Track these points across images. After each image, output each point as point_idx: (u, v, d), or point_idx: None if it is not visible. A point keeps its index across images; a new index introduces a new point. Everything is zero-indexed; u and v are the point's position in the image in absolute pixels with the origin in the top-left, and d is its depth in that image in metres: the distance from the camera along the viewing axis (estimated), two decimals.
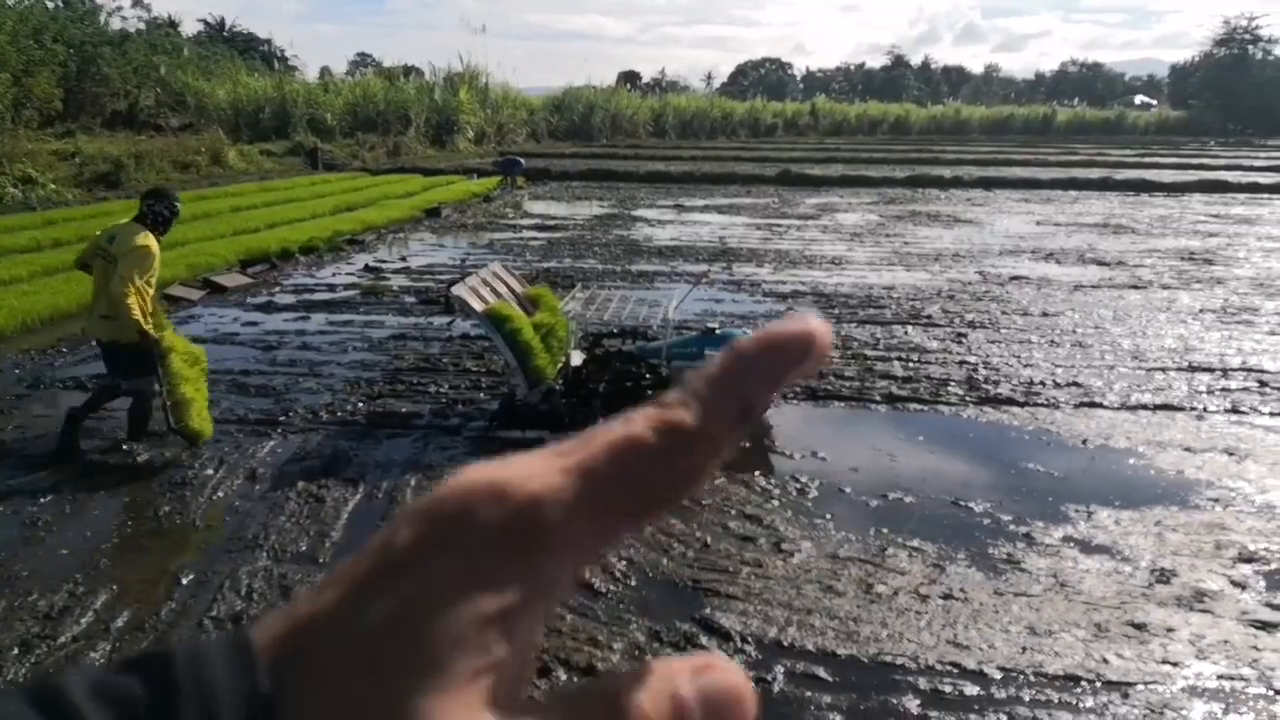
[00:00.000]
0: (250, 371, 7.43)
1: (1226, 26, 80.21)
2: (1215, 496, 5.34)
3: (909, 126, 71.77)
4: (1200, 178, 28.29)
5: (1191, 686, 3.56)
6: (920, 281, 11.73)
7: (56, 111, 26.02)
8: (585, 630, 3.84)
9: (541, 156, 32.47)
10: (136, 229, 5.60)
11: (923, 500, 5.24)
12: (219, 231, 14.04)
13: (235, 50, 45.82)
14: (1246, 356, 8.23)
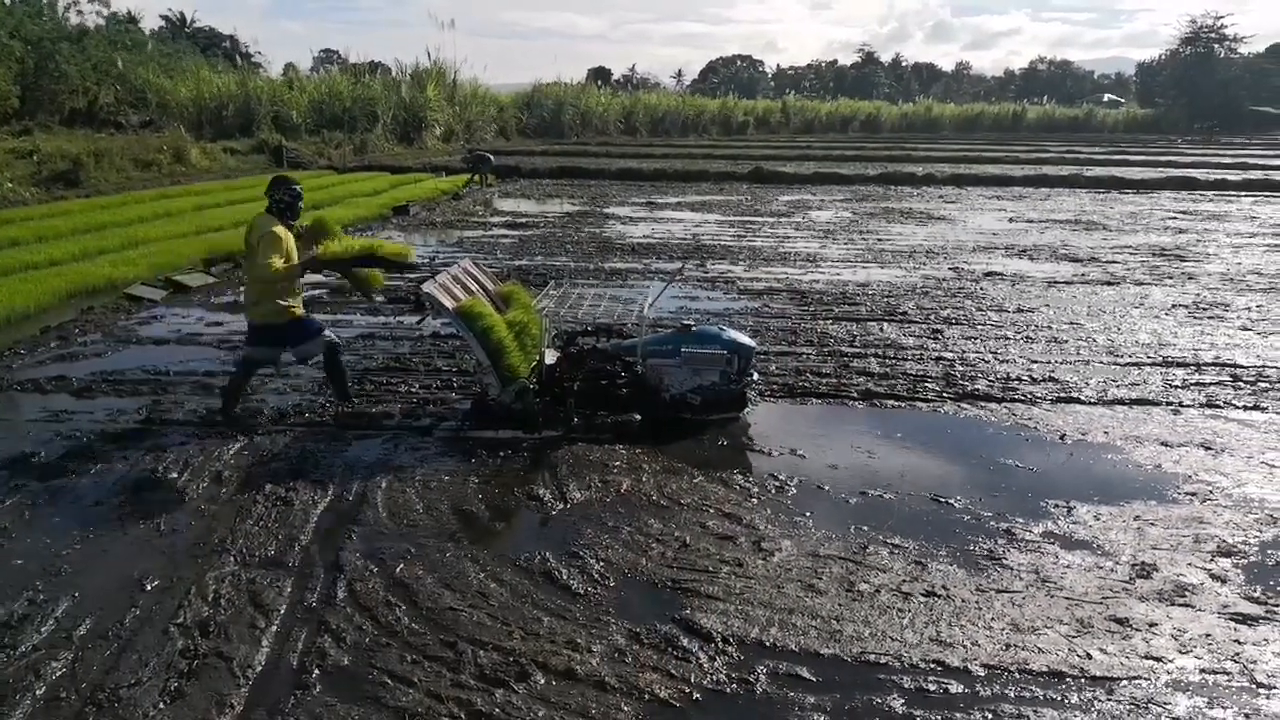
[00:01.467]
0: (215, 373, 7.27)
1: (1193, 25, 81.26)
2: (1193, 490, 5.33)
3: (880, 124, 72.08)
4: (1169, 175, 28.60)
5: (1175, 681, 3.53)
6: (895, 278, 11.72)
7: (13, 109, 25.50)
8: (564, 633, 3.74)
9: (511, 154, 32.27)
10: (267, 219, 5.94)
11: (902, 497, 5.20)
12: (182, 230, 13.81)
13: (197, 46, 45.18)
14: (1220, 351, 8.27)
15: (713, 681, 3.46)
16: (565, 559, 4.37)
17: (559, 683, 3.42)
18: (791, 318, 9.36)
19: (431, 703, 3.29)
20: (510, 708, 3.26)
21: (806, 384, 7.15)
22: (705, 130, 59.59)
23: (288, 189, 6.03)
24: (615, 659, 3.58)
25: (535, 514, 4.94)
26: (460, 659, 3.54)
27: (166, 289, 10.40)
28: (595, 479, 5.32)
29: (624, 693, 3.37)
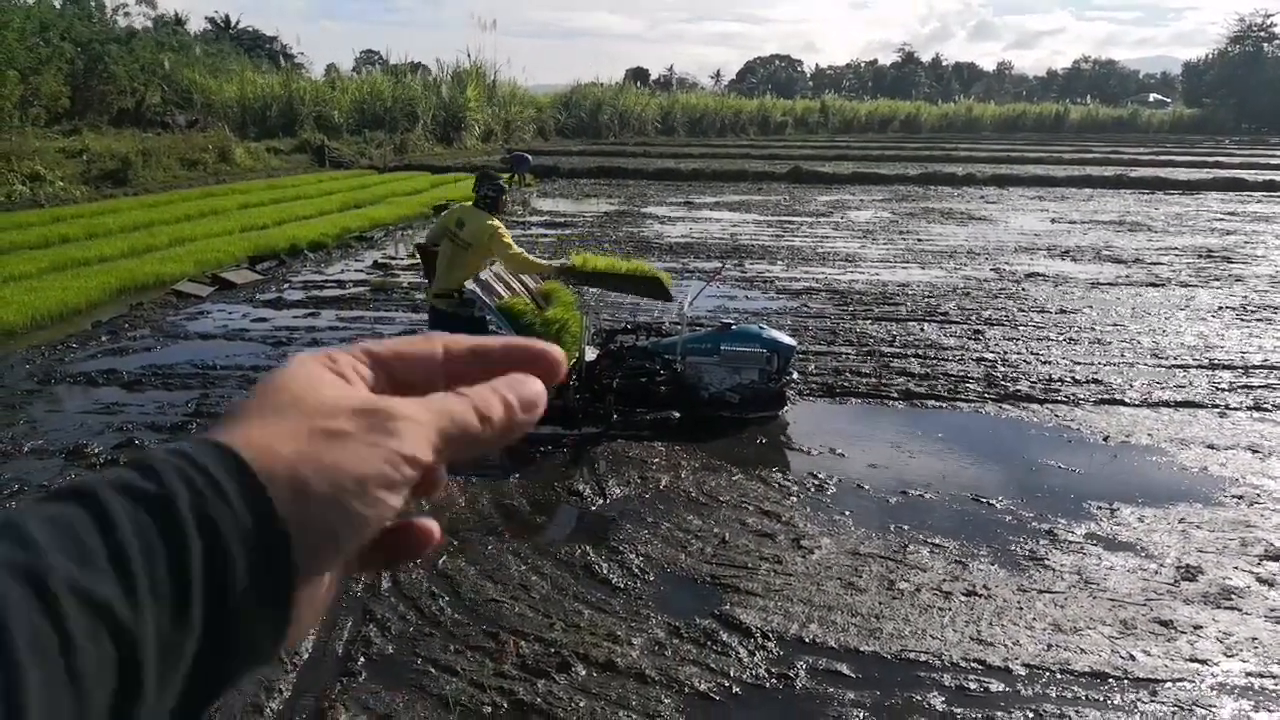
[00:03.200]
0: (260, 368, 7.39)
1: (1241, 24, 79.79)
2: (1240, 494, 5.26)
3: (920, 124, 71.53)
4: (1216, 175, 28.10)
5: (1220, 684, 3.49)
6: (935, 278, 11.64)
7: (64, 109, 26.04)
8: (604, 626, 3.78)
9: (550, 154, 32.41)
10: (480, 213, 6.16)
11: (942, 497, 5.18)
12: (227, 228, 14.03)
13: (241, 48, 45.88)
14: (1268, 354, 8.13)
15: (752, 676, 3.48)
16: (605, 553, 4.41)
17: (600, 674, 3.46)
18: (830, 317, 9.33)
19: (475, 691, 3.34)
20: (552, 698, 3.30)
21: (846, 383, 7.14)
22: (743, 130, 59.48)
23: (493, 184, 6.29)
24: (655, 652, 3.61)
25: (575, 509, 4.98)
26: (503, 649, 3.59)
27: (213, 286, 10.58)
28: (634, 475, 5.36)
29: (664, 685, 3.40)
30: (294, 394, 0.40)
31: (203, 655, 0.35)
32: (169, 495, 0.35)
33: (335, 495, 0.37)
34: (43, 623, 0.30)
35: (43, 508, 0.34)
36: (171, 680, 0.33)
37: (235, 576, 0.35)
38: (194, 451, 0.36)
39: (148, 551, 0.33)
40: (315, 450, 0.38)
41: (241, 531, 0.35)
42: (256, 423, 0.39)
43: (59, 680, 0.30)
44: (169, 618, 0.33)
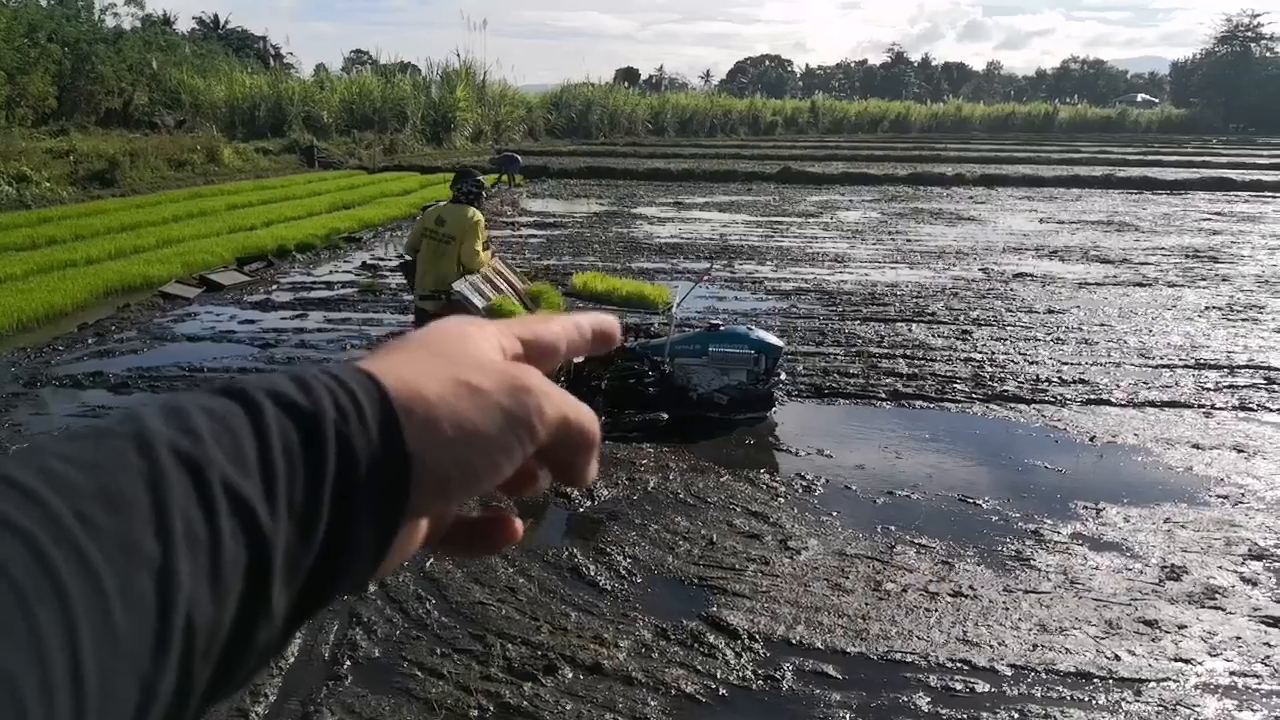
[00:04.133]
0: (248, 369, 7.38)
1: (1229, 24, 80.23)
2: (1225, 493, 5.29)
3: (910, 124, 71.74)
4: (1203, 175, 28.24)
5: (1204, 683, 3.52)
6: (924, 279, 11.68)
7: (51, 109, 25.95)
8: (591, 628, 3.78)
9: (539, 154, 32.39)
10: (463, 208, 6.21)
11: (929, 497, 5.19)
12: (215, 229, 13.99)
13: (230, 48, 45.70)
14: (1254, 354, 8.18)
15: (739, 678, 3.49)
16: (593, 555, 4.41)
17: (586, 677, 3.46)
18: (819, 318, 9.35)
19: (461, 695, 3.34)
20: (539, 701, 3.30)
21: (834, 384, 7.15)
22: (733, 130, 59.55)
23: (473, 180, 6.40)
24: (642, 654, 3.61)
25: (563, 511, 4.98)
26: (489, 652, 3.59)
27: (200, 287, 10.55)
28: (623, 477, 5.36)
29: (651, 688, 3.40)
30: (445, 343, 0.43)
31: (314, 574, 0.35)
32: (317, 412, 0.36)
33: (460, 445, 0.39)
34: (196, 513, 0.31)
35: (203, 399, 0.35)
36: (286, 595, 0.34)
37: (360, 501, 0.36)
38: (344, 374, 0.38)
39: (290, 464, 0.35)
40: (454, 398, 0.39)
41: (371, 457, 0.37)
42: (404, 359, 0.41)
43: (203, 572, 0.31)
44: (297, 532, 0.34)
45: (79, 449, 0.31)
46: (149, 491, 0.31)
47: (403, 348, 0.43)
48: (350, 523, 0.36)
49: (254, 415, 0.35)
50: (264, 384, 0.37)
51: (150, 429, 0.32)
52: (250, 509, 0.33)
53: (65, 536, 0.28)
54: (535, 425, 0.41)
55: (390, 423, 0.38)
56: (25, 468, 0.29)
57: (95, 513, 0.29)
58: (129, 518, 0.30)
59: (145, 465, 0.31)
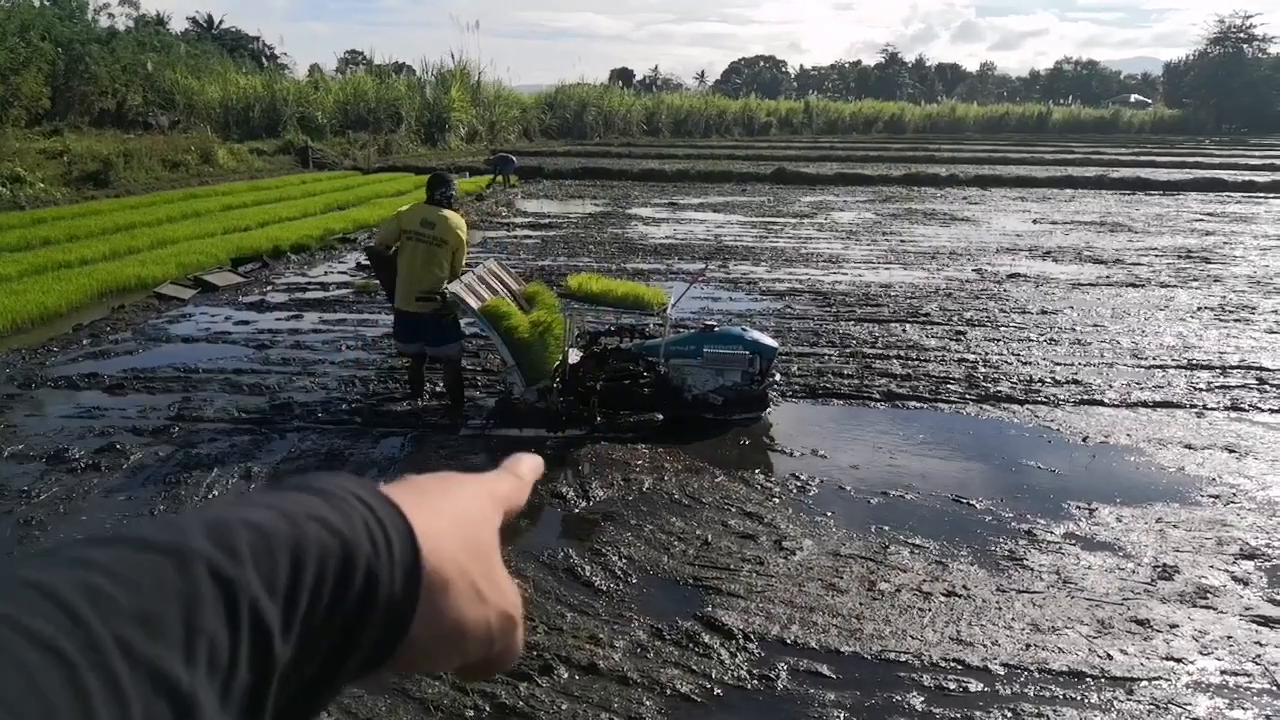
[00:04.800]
0: (244, 370, 7.37)
1: (1221, 25, 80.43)
2: (1216, 493, 5.32)
3: (904, 125, 71.79)
4: (1196, 176, 28.33)
5: (1195, 682, 3.54)
6: (918, 279, 11.71)
7: (44, 110, 25.86)
8: (586, 628, 3.80)
9: (534, 155, 32.37)
10: (448, 213, 6.21)
11: (923, 498, 5.22)
12: (209, 230, 13.97)
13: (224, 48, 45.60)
14: (1245, 354, 8.22)
15: (734, 677, 3.51)
16: (588, 556, 4.43)
17: (582, 677, 3.48)
18: (814, 319, 9.38)
19: (457, 695, 3.35)
20: (534, 701, 3.32)
21: (828, 385, 7.18)
22: (728, 131, 59.55)
23: (452, 186, 6.42)
24: (638, 654, 3.63)
25: (558, 511, 4.99)
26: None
27: (195, 288, 10.54)
28: (618, 477, 5.37)
29: (646, 687, 3.42)
30: (475, 525, 0.48)
31: (307, 685, 0.38)
32: (352, 543, 0.39)
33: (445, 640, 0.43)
34: (222, 638, 0.34)
35: (249, 513, 0.38)
36: (279, 697, 0.36)
37: (366, 633, 0.39)
38: (379, 509, 0.41)
39: (318, 587, 0.37)
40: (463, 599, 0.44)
41: (389, 598, 0.40)
42: (437, 522, 0.44)
43: (216, 695, 0.33)
44: (299, 651, 0.37)
45: (122, 561, 0.33)
46: (183, 616, 0.33)
47: (437, 499, 0.46)
48: (345, 653, 0.39)
49: (296, 540, 0.37)
50: (308, 506, 0.39)
51: (191, 547, 0.35)
52: (269, 635, 0.35)
53: (103, 665, 0.30)
54: (500, 657, 0.47)
55: (412, 578, 0.41)
56: (68, 581, 0.31)
57: (133, 639, 0.31)
58: (162, 644, 0.31)
59: (183, 586, 0.33)
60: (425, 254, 6.13)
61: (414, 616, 0.41)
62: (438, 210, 6.19)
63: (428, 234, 6.12)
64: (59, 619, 0.30)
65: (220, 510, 0.37)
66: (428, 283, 6.10)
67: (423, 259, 6.14)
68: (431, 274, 6.10)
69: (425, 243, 6.12)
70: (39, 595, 0.31)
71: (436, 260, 6.13)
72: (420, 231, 6.13)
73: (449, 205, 6.30)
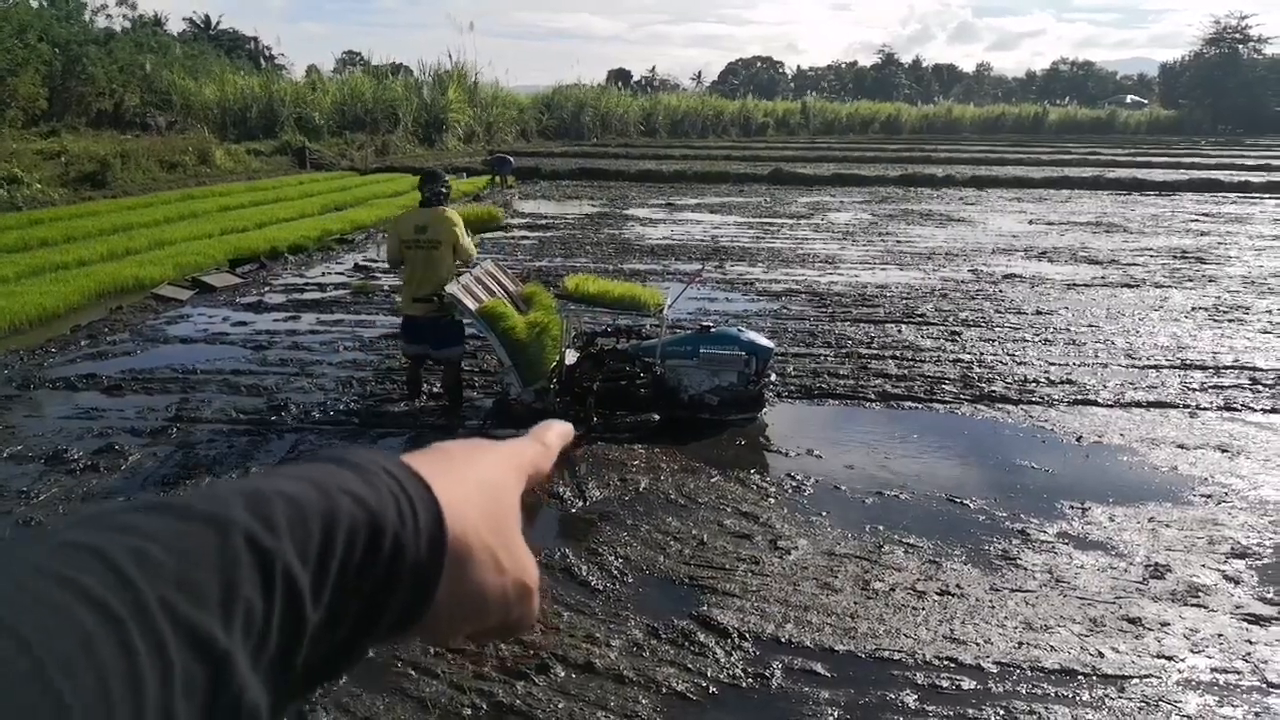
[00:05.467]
0: (241, 371, 7.40)
1: (1217, 26, 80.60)
2: (1208, 492, 5.36)
3: (900, 125, 71.89)
4: (1192, 177, 28.40)
5: (1186, 680, 3.57)
6: (913, 280, 11.75)
7: (41, 111, 25.84)
8: (583, 627, 3.82)
9: (531, 155, 32.38)
10: (440, 211, 6.25)
11: (918, 497, 5.25)
12: (207, 231, 13.98)
13: (221, 49, 45.57)
14: (1239, 354, 8.26)
15: (729, 676, 3.54)
16: (585, 555, 4.46)
17: (578, 675, 3.50)
18: (810, 319, 9.41)
19: (454, 693, 3.38)
20: (531, 699, 3.35)
21: (824, 385, 7.21)
22: (725, 132, 59.60)
23: (443, 182, 6.42)
24: (633, 653, 3.66)
25: (555, 511, 5.02)
26: (482, 652, 3.63)
27: (193, 289, 10.56)
28: (614, 477, 5.40)
29: (642, 686, 3.45)
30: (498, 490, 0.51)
31: (336, 647, 0.41)
32: (380, 514, 0.41)
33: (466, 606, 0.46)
34: (258, 604, 0.36)
35: (286, 484, 0.40)
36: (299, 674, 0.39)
37: (393, 599, 0.42)
38: (405, 481, 0.44)
39: (348, 555, 0.40)
40: (484, 568, 0.47)
41: (414, 566, 0.42)
42: (459, 485, 0.47)
43: (250, 657, 0.36)
44: (328, 619, 0.39)
45: (167, 529, 0.36)
46: (222, 581, 0.35)
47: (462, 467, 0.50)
48: (372, 619, 0.42)
49: (327, 510, 0.40)
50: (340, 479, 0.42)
51: (231, 517, 0.37)
52: (301, 600, 0.38)
53: (150, 626, 0.33)
54: (516, 624, 0.50)
55: (437, 546, 0.44)
56: (119, 546, 0.34)
57: (177, 601, 0.34)
58: (203, 608, 0.34)
59: (223, 554, 0.36)
60: (424, 259, 6.19)
61: (438, 584, 0.44)
62: (429, 211, 6.25)
63: (422, 239, 6.17)
64: (110, 580, 0.33)
65: (258, 482, 0.40)
66: (429, 286, 6.14)
67: (422, 263, 6.20)
68: (432, 277, 6.14)
69: (423, 248, 6.18)
70: (92, 557, 0.33)
71: (434, 262, 6.17)
72: (416, 238, 6.19)
73: (441, 201, 6.33)
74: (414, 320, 6.27)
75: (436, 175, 6.47)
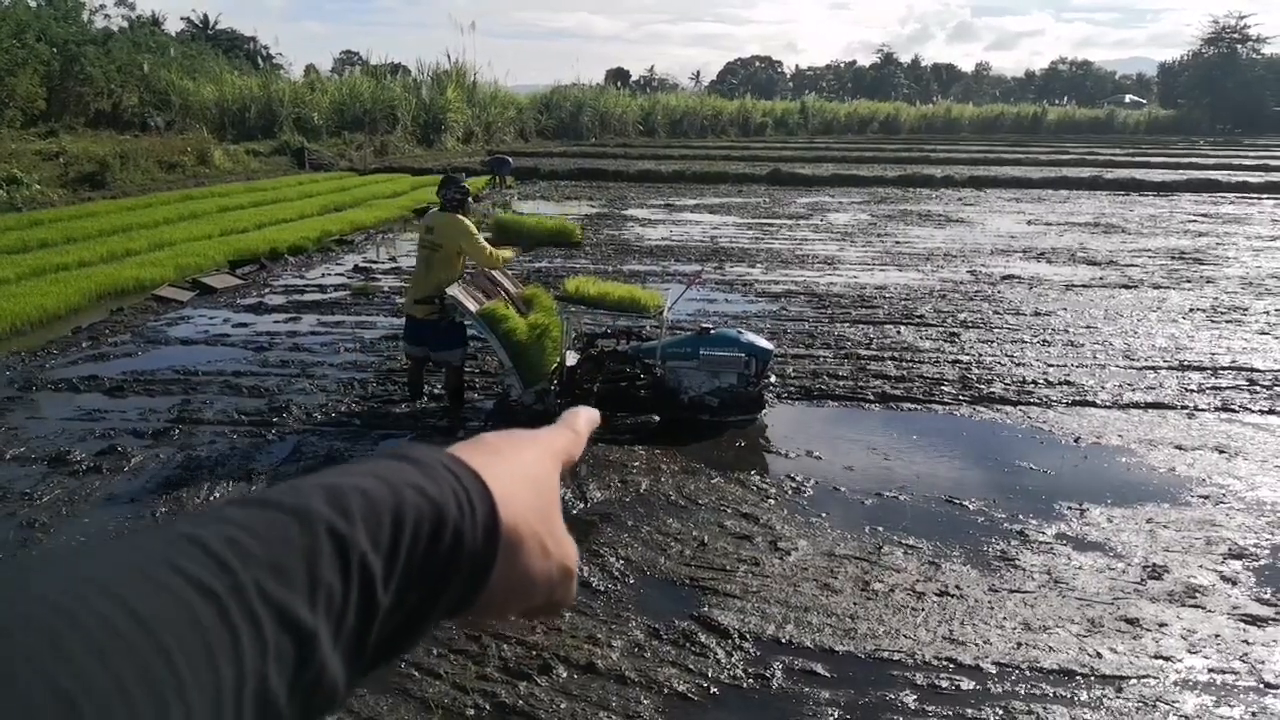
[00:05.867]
0: (242, 373, 7.42)
1: (1215, 26, 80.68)
2: (1206, 493, 5.38)
3: (899, 125, 71.93)
4: (1190, 177, 28.43)
5: (1184, 680, 3.60)
6: (912, 281, 11.77)
7: (40, 111, 25.85)
8: (585, 628, 3.85)
9: (530, 155, 32.37)
10: (450, 216, 6.25)
11: (917, 498, 5.27)
12: (207, 232, 13.98)
13: (220, 49, 45.53)
14: (1236, 355, 8.29)
15: (730, 677, 3.56)
16: (586, 557, 4.48)
17: (580, 676, 3.53)
18: (809, 320, 9.44)
19: (457, 694, 3.40)
20: (534, 700, 3.37)
21: (823, 386, 7.23)
22: (724, 132, 59.62)
23: (458, 186, 6.38)
24: (635, 654, 3.68)
25: None
26: (485, 653, 3.66)
27: (193, 290, 10.58)
28: (615, 479, 5.43)
29: (643, 686, 3.47)
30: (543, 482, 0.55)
31: (401, 626, 0.45)
32: (443, 507, 0.45)
33: (514, 588, 0.50)
34: (338, 587, 0.40)
35: (360, 480, 0.44)
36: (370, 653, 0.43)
37: (453, 584, 0.46)
38: (463, 476, 0.48)
39: (415, 544, 0.44)
40: (532, 555, 0.51)
41: (471, 554, 0.47)
42: (511, 483, 0.51)
43: (331, 634, 0.39)
44: (396, 600, 0.43)
45: (254, 519, 0.40)
46: (307, 567, 0.39)
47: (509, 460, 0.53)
48: (433, 602, 0.46)
49: (397, 504, 0.44)
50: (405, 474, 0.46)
51: (313, 509, 0.41)
52: (374, 584, 0.42)
53: (246, 605, 0.37)
54: (559, 602, 0.55)
55: (492, 536, 0.48)
56: (218, 536, 0.38)
57: (269, 584, 0.38)
58: (291, 589, 0.38)
59: (306, 542, 0.40)
60: (426, 259, 6.23)
61: (493, 570, 0.48)
62: (441, 214, 6.29)
63: (428, 239, 6.23)
64: (212, 566, 0.37)
65: (335, 478, 0.44)
66: (428, 287, 6.17)
67: (424, 264, 6.25)
68: (431, 279, 6.17)
69: (427, 248, 6.23)
70: (196, 547, 0.37)
71: (435, 264, 6.20)
72: (423, 239, 6.27)
73: (457, 207, 6.30)
74: (415, 321, 6.29)
75: (451, 180, 6.47)
